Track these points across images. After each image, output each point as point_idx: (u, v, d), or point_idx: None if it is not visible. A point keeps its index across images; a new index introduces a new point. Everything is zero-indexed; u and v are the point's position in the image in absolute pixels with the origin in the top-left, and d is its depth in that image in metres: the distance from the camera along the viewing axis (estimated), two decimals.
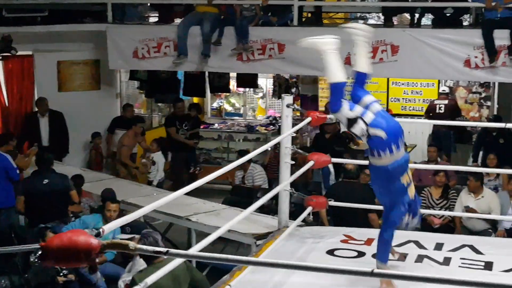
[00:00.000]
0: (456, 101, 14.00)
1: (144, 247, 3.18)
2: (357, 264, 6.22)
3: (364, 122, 5.17)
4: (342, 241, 6.93)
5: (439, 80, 14.28)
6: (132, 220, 4.21)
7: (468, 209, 8.32)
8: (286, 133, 6.85)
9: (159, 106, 15.93)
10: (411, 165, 7.82)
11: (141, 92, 15.33)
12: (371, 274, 2.98)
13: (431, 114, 12.69)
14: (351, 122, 5.16)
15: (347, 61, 8.73)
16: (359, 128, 5.15)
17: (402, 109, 15.16)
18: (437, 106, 12.88)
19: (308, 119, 7.07)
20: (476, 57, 9.32)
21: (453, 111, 12.66)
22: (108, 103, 13.64)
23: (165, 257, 4.51)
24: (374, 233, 7.27)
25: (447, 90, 13.31)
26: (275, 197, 7.16)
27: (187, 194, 9.73)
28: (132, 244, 3.08)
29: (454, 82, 14.97)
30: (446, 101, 12.85)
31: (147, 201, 5.21)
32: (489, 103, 15.26)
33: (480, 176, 8.79)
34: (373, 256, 6.45)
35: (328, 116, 7.61)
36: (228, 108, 16.54)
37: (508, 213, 8.38)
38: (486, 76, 9.56)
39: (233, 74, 14.45)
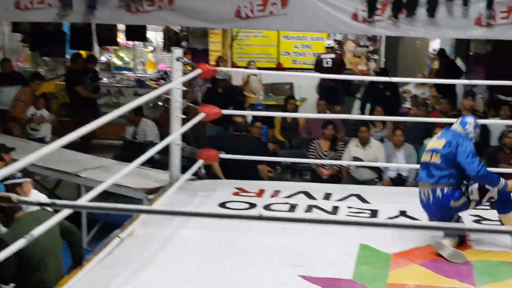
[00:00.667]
0: (342, 55, 14.24)
1: (28, 199, 3.09)
2: None
3: None
4: (234, 193, 6.99)
5: (328, 34, 14.46)
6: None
7: (355, 159, 8.55)
8: (174, 84, 6.80)
9: (45, 60, 15.41)
10: (303, 115, 7.90)
11: (25, 46, 14.75)
12: (260, 217, 3.02)
13: (318, 69, 12.91)
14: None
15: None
16: None
17: (292, 63, 15.31)
18: (324, 60, 13.09)
19: (198, 71, 7.04)
20: (363, 10, 9.47)
21: (339, 65, 12.88)
22: None
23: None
24: (265, 184, 7.39)
25: (332, 44, 13.49)
26: (167, 151, 7.11)
27: (78, 150, 9.62)
28: (15, 197, 2.98)
29: (342, 35, 15.22)
30: (332, 55, 13.06)
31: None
32: (376, 57, 15.63)
33: (369, 128, 9.01)
34: (265, 207, 6.57)
35: (219, 68, 7.60)
36: (117, 62, 16.20)
37: (393, 162, 8.67)
38: (372, 30, 9.73)
39: (121, 27, 14.13)
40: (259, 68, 13.76)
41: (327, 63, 12.94)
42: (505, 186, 5.58)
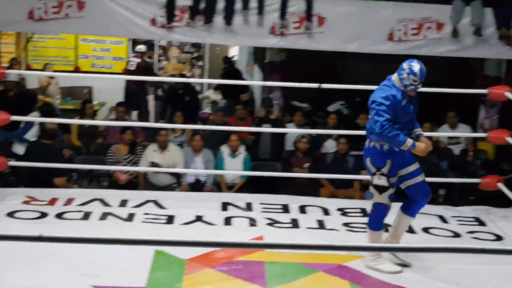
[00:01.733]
0: (148, 62, 14.10)
1: None
2: (36, 225, 6.06)
3: None
4: (24, 202, 6.70)
5: (134, 39, 14.20)
6: None
7: (153, 164, 8.49)
8: None
9: None
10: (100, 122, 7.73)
11: None
12: (40, 239, 2.88)
13: (126, 71, 12.83)
14: None
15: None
16: None
17: (91, 66, 14.95)
18: (130, 63, 13.01)
19: None
20: (161, 16, 9.43)
21: (144, 69, 12.77)
22: None
23: None
24: (58, 192, 7.14)
25: (143, 49, 13.35)
26: None
27: None
28: None
29: (166, 42, 15.09)
30: (139, 60, 12.95)
31: None
32: (201, 63, 15.72)
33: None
34: (57, 216, 6.34)
35: (7, 71, 7.25)
36: None
37: (191, 167, 8.72)
38: (171, 36, 9.72)
39: None
40: (55, 71, 13.32)
41: (132, 66, 12.84)
42: (412, 147, 5.34)
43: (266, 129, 9.69)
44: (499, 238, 6.43)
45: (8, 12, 9.27)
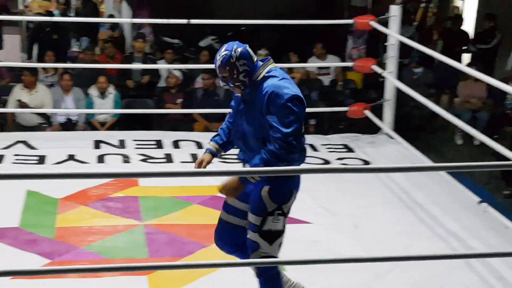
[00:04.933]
0: None
1: None
2: None
3: None
4: None
5: None
6: None
7: (21, 104, 8.23)
8: None
9: None
10: None
11: None
12: None
13: None
14: None
15: None
16: None
17: None
18: None
19: None
20: None
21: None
22: None
23: None
24: None
25: None
26: None
27: None
28: None
29: None
30: None
31: None
32: None
33: (35, 72, 8.71)
34: None
35: None
36: None
37: (62, 107, 8.52)
38: None
39: None
40: None
41: None
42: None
43: (137, 65, 9.55)
44: (366, 162, 6.72)
45: None
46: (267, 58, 3.80)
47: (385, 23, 7.34)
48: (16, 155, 6.53)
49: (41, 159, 6.44)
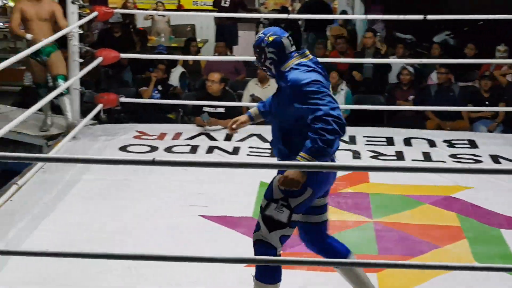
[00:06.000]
0: None
1: None
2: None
3: None
4: (135, 137, 6.94)
5: None
6: None
7: (254, 98, 8.54)
8: (70, 28, 6.62)
9: None
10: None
11: None
12: (153, 162, 3.01)
13: (217, 9, 12.73)
14: None
15: None
16: None
17: (194, 4, 15.07)
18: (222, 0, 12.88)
19: (94, 14, 6.87)
20: None
21: (237, 4, 12.66)
22: None
23: None
24: (167, 127, 7.35)
25: None
26: None
27: None
28: None
29: None
30: None
31: None
32: None
33: None
34: (166, 150, 6.55)
35: (116, 10, 7.44)
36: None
37: None
38: None
39: None
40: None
41: (225, 3, 12.74)
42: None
43: (368, 60, 9.52)
44: None
45: None
46: (303, 50, 3.80)
47: None
48: (250, 147, 6.80)
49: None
